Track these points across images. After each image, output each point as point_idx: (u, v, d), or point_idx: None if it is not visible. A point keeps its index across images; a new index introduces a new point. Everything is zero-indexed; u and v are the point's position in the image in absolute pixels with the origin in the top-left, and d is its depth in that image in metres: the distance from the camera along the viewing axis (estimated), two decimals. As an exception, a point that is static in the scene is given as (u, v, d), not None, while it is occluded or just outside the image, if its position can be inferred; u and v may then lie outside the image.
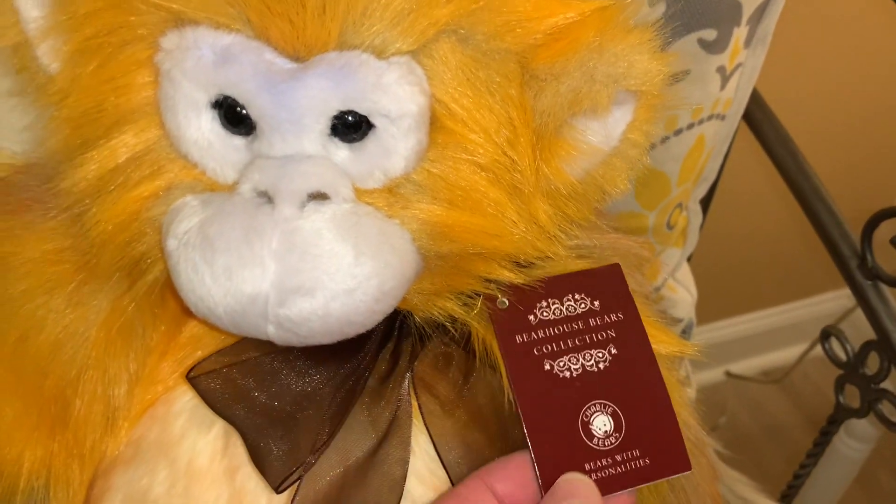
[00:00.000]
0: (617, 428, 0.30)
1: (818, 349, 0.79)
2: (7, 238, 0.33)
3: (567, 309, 0.32)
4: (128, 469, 0.32)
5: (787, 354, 1.40)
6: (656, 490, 0.36)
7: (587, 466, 0.30)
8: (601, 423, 0.30)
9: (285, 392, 0.30)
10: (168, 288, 0.31)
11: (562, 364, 0.31)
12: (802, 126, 0.66)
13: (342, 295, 0.25)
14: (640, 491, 0.34)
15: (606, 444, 0.30)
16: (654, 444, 0.30)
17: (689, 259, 0.67)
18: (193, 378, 0.30)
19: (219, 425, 0.31)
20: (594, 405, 0.30)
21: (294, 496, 0.29)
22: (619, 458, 0.30)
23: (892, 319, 0.53)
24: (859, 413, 0.57)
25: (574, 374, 0.31)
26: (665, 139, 0.54)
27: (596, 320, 0.31)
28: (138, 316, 0.32)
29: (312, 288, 0.25)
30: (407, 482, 0.31)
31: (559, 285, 0.32)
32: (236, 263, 0.25)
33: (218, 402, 0.29)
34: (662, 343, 0.33)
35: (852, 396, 0.59)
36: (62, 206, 0.32)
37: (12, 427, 0.33)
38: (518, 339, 0.32)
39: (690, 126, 0.54)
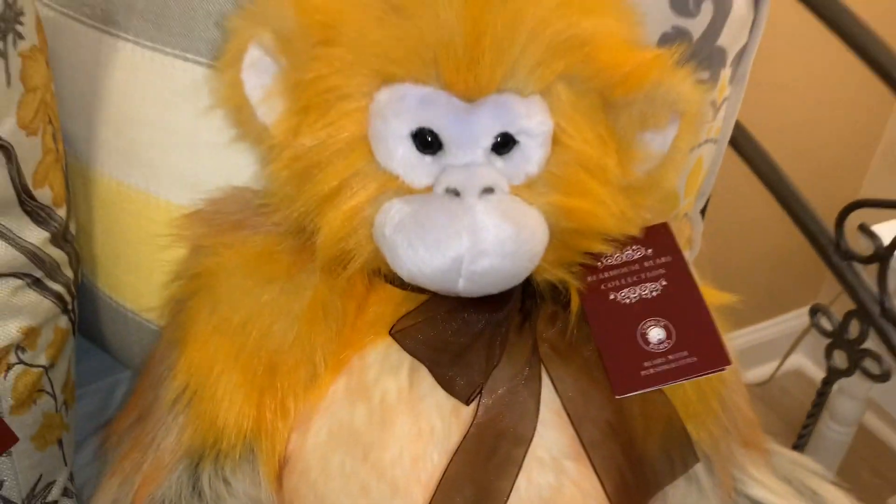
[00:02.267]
0: (668, 336, 0.42)
1: (792, 363, 0.91)
2: (226, 247, 0.45)
3: (626, 256, 0.44)
4: (329, 410, 0.43)
5: (765, 370, 1.54)
6: (710, 409, 0.47)
7: (646, 364, 0.42)
8: (656, 334, 0.43)
9: (459, 335, 0.41)
10: (358, 275, 0.43)
11: (622, 294, 0.43)
12: (777, 141, 0.80)
13: (510, 256, 0.38)
14: (697, 409, 0.46)
15: (661, 348, 0.42)
16: (699, 346, 0.42)
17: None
18: (396, 332, 0.41)
19: (404, 369, 0.42)
20: (649, 321, 0.43)
21: (476, 412, 0.40)
22: (671, 357, 0.42)
23: (866, 290, 0.67)
24: (848, 372, 0.70)
25: (632, 301, 0.43)
26: (694, 145, 0.67)
27: (650, 262, 0.44)
28: (333, 299, 0.44)
29: (493, 251, 0.37)
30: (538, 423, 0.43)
31: (622, 244, 0.45)
32: (444, 237, 0.37)
33: (412, 347, 0.41)
34: (706, 292, 0.46)
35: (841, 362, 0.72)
36: (271, 223, 0.44)
37: (233, 393, 0.44)
38: (589, 278, 0.44)
39: (692, 150, 0.68)
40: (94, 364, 0.71)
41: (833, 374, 0.72)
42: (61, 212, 0.56)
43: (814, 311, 0.72)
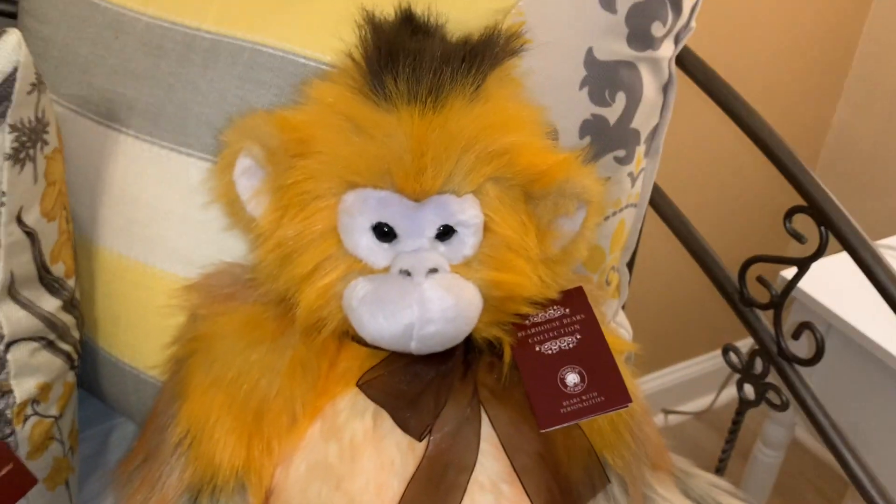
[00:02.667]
0: (582, 380, 0.53)
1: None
2: (220, 315, 0.54)
3: (548, 314, 0.55)
4: (307, 448, 0.53)
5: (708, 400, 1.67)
6: (622, 439, 0.57)
7: (564, 403, 0.52)
8: (572, 378, 0.53)
9: (412, 384, 0.51)
10: (330, 337, 0.53)
11: (545, 346, 0.54)
12: (690, 202, 0.92)
13: (451, 321, 0.48)
14: (611, 439, 0.56)
15: (576, 390, 0.52)
16: (606, 388, 0.53)
17: (623, 308, 0.91)
18: (362, 383, 0.51)
19: (368, 413, 0.52)
20: (567, 368, 0.53)
21: (427, 446, 0.50)
22: (584, 397, 0.52)
23: (766, 332, 0.78)
24: (755, 403, 0.81)
25: (553, 351, 0.53)
26: (599, 224, 0.78)
27: (567, 319, 0.54)
28: (310, 357, 0.53)
29: (438, 318, 0.47)
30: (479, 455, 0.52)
31: (545, 305, 0.55)
32: (398, 308, 0.47)
33: (375, 395, 0.51)
34: (614, 342, 0.57)
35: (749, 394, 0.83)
36: (257, 295, 0.54)
37: (226, 436, 0.53)
38: (519, 334, 0.54)
39: (614, 213, 0.79)
40: (91, 412, 0.79)
41: (743, 405, 0.83)
42: (71, 282, 0.65)
43: (725, 350, 0.83)
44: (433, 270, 0.48)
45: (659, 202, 0.87)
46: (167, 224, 0.65)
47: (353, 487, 0.51)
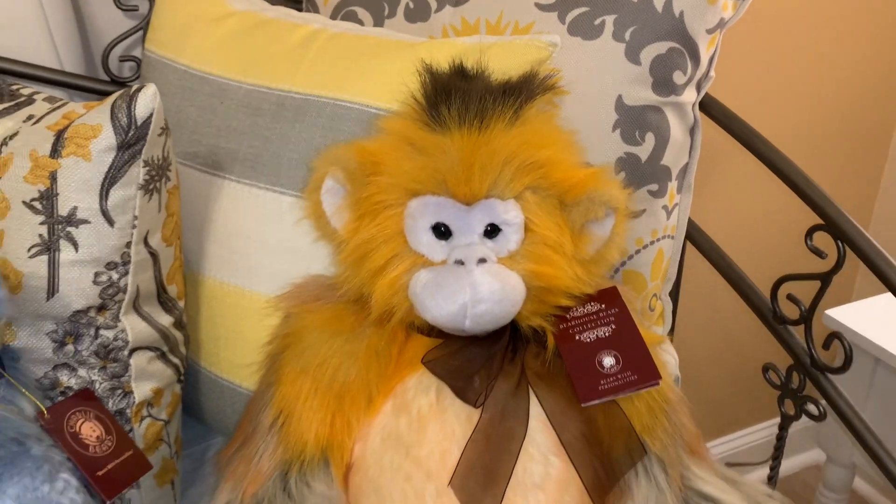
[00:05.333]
0: (617, 363, 0.61)
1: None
2: (308, 313, 0.65)
3: (587, 309, 0.63)
4: (381, 424, 0.62)
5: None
6: (659, 422, 0.64)
7: (601, 381, 0.60)
8: (608, 361, 0.61)
9: (468, 364, 0.60)
10: (398, 328, 0.63)
11: (584, 335, 0.62)
12: (724, 236, 1.00)
13: (498, 303, 0.57)
14: (648, 421, 0.63)
15: (612, 370, 0.60)
16: (639, 368, 0.60)
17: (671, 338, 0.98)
18: (427, 361, 0.60)
19: (433, 390, 0.61)
20: (603, 352, 0.61)
21: (480, 415, 0.59)
22: (619, 376, 0.60)
23: (799, 347, 0.84)
24: (795, 417, 0.86)
25: (591, 340, 0.62)
26: (638, 251, 0.87)
27: (603, 313, 0.63)
28: (382, 345, 0.63)
29: (487, 299, 0.57)
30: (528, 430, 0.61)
31: (583, 300, 0.64)
32: (453, 291, 0.57)
33: (437, 371, 0.60)
34: (646, 334, 0.65)
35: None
36: (339, 295, 0.64)
37: (312, 417, 0.63)
38: (561, 326, 0.63)
39: (652, 243, 0.88)
40: (190, 434, 0.90)
41: (785, 420, 0.88)
42: (181, 303, 0.78)
43: (765, 369, 0.89)
44: (482, 260, 0.58)
45: (694, 234, 0.96)
46: (263, 252, 0.77)
47: (420, 454, 0.60)
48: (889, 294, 0.73)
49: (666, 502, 0.63)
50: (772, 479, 0.96)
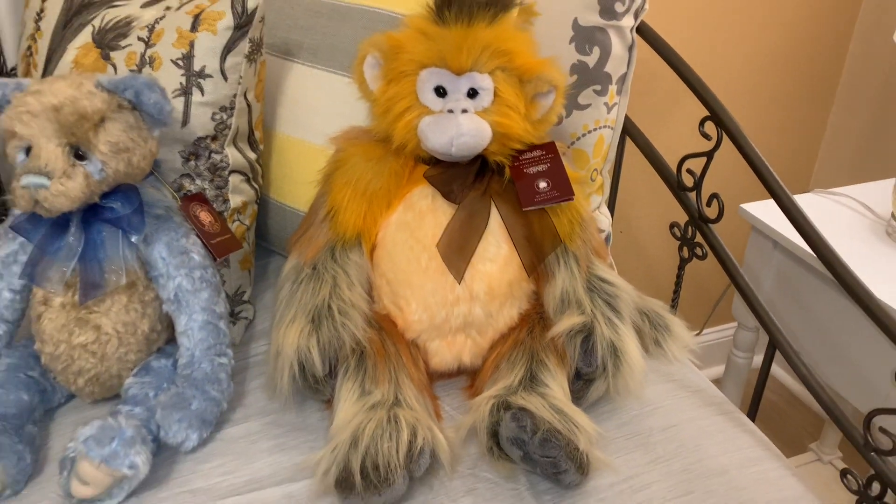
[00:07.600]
0: (548, 186, 0.95)
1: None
2: (351, 146, 1.00)
3: (533, 154, 0.97)
4: (396, 216, 0.97)
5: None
6: (575, 231, 0.99)
7: (536, 196, 0.94)
8: (543, 184, 0.95)
9: (452, 179, 0.95)
10: (410, 158, 0.97)
11: (529, 169, 0.96)
12: (654, 131, 1.32)
13: (474, 136, 0.91)
14: (568, 229, 0.98)
15: (544, 190, 0.95)
16: (561, 189, 0.94)
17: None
18: (428, 176, 0.95)
19: (429, 196, 0.95)
20: (540, 178, 0.95)
21: (457, 211, 0.94)
22: (548, 194, 0.94)
23: (693, 207, 1.18)
24: (689, 259, 1.21)
25: (533, 172, 0.96)
26: (584, 135, 1.21)
27: (542, 155, 0.97)
28: (399, 168, 0.97)
29: (467, 133, 0.91)
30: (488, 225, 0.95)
31: (531, 148, 0.98)
32: (446, 129, 0.91)
33: (433, 181, 0.94)
34: (574, 173, 0.99)
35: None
36: (374, 136, 0.99)
37: (351, 212, 0.98)
38: (515, 162, 0.97)
39: (594, 130, 1.21)
40: (258, 252, 1.25)
41: (682, 262, 1.23)
42: (261, 147, 1.12)
43: (671, 226, 1.23)
44: (465, 111, 0.92)
45: (630, 129, 1.29)
46: (318, 115, 1.11)
47: (420, 234, 0.95)
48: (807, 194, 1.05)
49: (576, 282, 0.98)
50: (673, 305, 1.31)
